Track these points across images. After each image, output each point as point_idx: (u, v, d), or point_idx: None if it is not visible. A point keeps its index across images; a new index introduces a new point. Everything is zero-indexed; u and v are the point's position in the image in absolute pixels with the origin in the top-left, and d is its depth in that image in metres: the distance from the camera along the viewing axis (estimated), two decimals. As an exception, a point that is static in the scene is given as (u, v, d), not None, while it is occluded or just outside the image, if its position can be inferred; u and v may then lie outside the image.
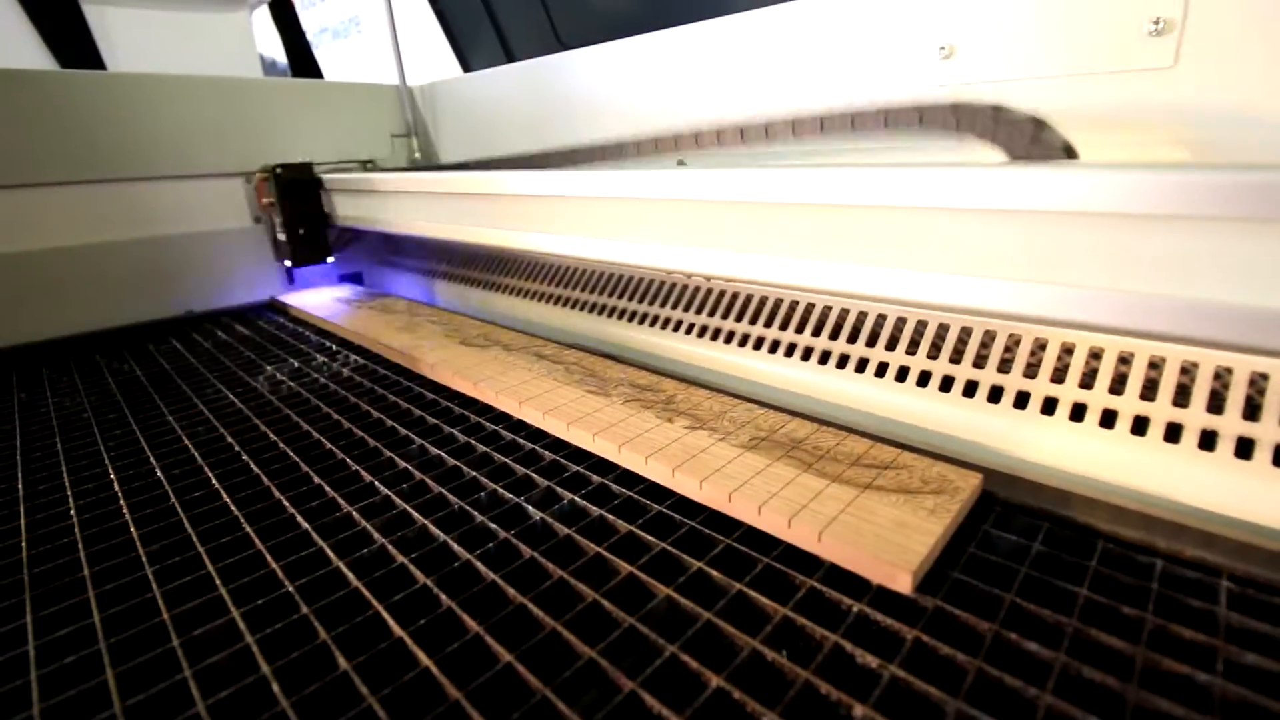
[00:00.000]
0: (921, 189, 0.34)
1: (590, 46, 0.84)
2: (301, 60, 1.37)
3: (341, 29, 2.60)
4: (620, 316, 0.69)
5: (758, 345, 0.57)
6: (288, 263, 0.97)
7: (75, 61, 1.07)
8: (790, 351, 0.54)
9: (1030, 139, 0.45)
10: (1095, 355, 0.41)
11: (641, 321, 0.67)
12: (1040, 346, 0.43)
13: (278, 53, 1.42)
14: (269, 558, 0.35)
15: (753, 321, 0.58)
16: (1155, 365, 0.39)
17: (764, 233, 0.43)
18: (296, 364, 0.67)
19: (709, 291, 0.63)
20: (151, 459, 0.47)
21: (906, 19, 0.54)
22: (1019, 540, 0.32)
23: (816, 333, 0.54)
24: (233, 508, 0.40)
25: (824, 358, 0.52)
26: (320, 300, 0.90)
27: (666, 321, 0.65)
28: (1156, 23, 0.42)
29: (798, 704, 0.24)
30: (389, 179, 0.81)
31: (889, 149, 0.57)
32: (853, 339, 0.52)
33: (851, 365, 0.50)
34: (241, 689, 0.26)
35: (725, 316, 0.61)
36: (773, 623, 0.28)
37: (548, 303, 0.78)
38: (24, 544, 0.38)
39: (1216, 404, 0.37)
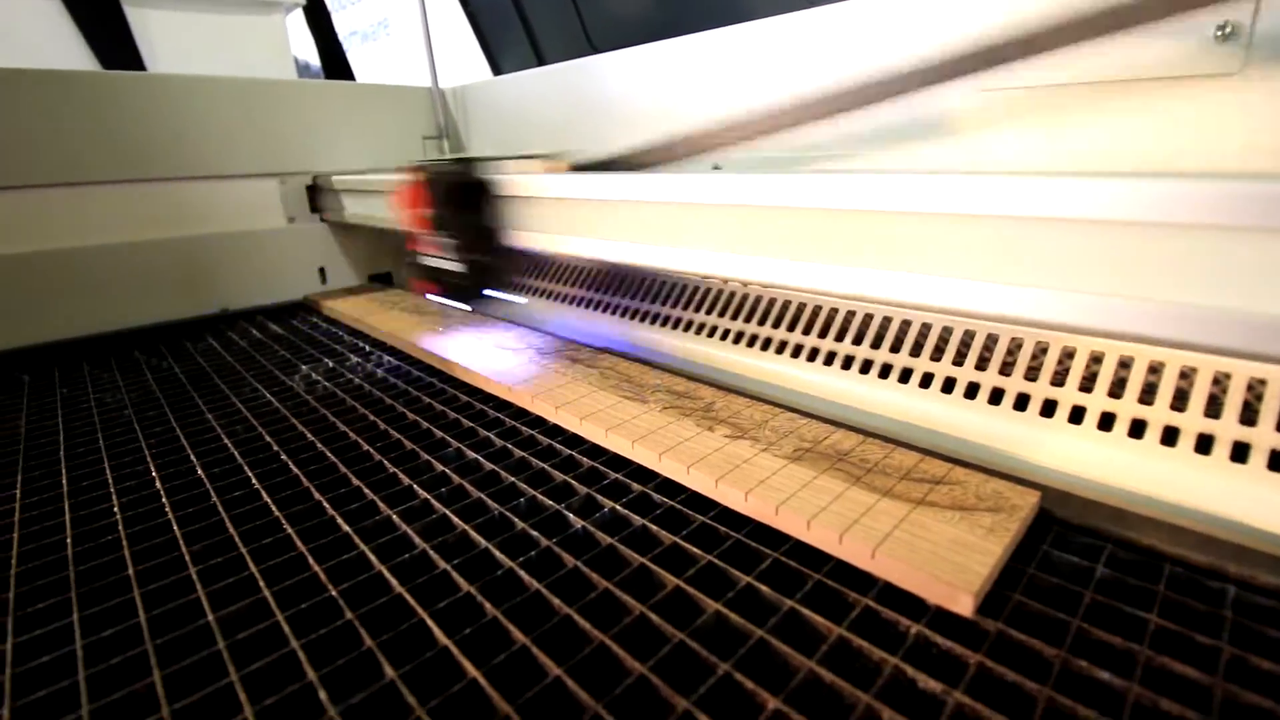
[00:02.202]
0: (957, 195, 0.33)
1: (622, 50, 0.84)
2: (334, 63, 1.38)
3: (370, 32, 2.63)
4: (654, 321, 0.68)
5: (796, 353, 0.56)
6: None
7: (117, 63, 1.09)
8: (830, 360, 0.53)
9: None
10: (1154, 370, 0.40)
11: (675, 326, 0.66)
12: (1096, 360, 0.42)
13: (311, 55, 1.43)
14: (311, 560, 0.35)
15: (790, 328, 0.58)
16: (1218, 382, 0.38)
17: (798, 237, 0.42)
18: (331, 364, 0.67)
19: (745, 297, 0.62)
20: (192, 457, 0.47)
21: (951, 23, 0.53)
22: (1081, 562, 0.31)
23: (858, 341, 0.53)
24: (274, 508, 0.40)
25: (865, 367, 0.51)
26: (353, 300, 0.91)
27: (701, 326, 0.64)
28: (1223, 27, 0.40)
29: (859, 729, 0.23)
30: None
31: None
32: (896, 348, 0.51)
33: (895, 375, 0.49)
34: (289, 695, 0.26)
35: (762, 323, 0.60)
36: (828, 642, 0.27)
37: (580, 306, 0.78)
38: (69, 540, 0.38)
39: (1286, 423, 0.35)
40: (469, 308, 0.77)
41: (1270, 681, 0.24)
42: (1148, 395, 0.39)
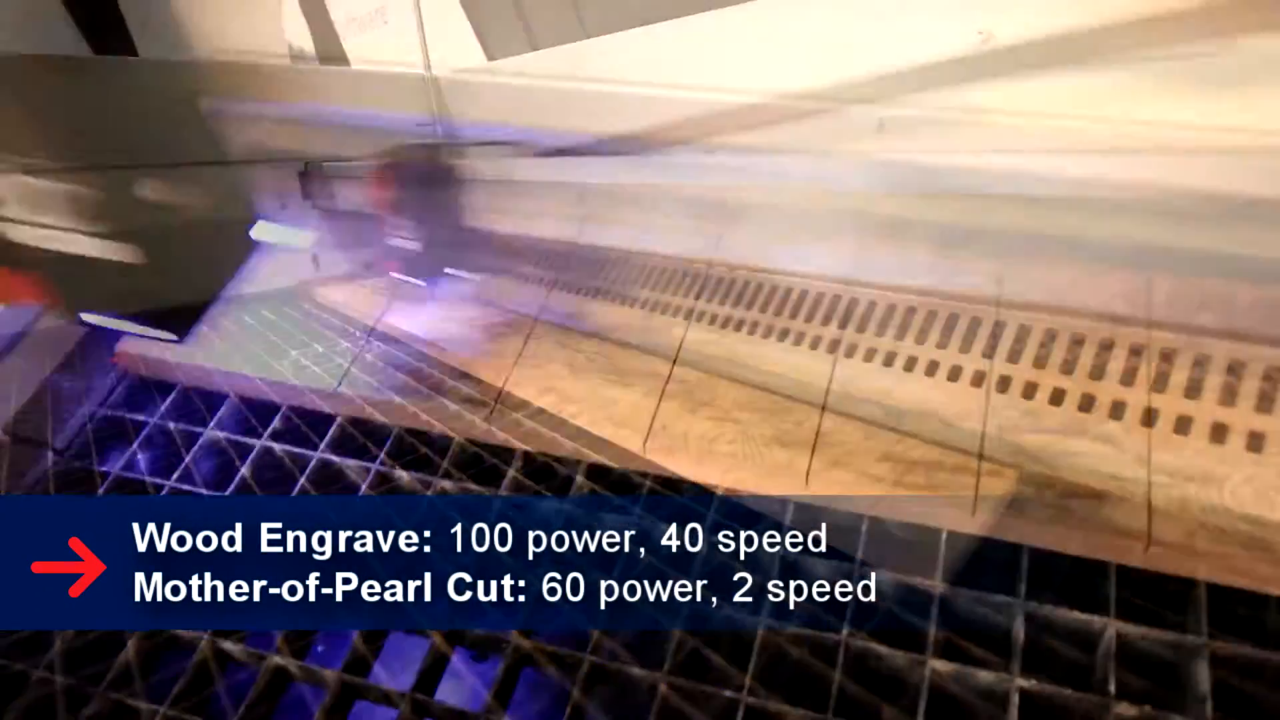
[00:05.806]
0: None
1: (614, 34, 0.83)
2: (329, 49, 1.37)
3: (367, 20, 2.61)
4: (639, 306, 0.68)
5: (782, 336, 0.56)
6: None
7: (107, 47, 1.08)
8: (816, 344, 0.53)
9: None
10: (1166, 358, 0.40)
11: (663, 312, 0.66)
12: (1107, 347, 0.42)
13: (306, 41, 1.42)
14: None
15: (777, 314, 0.57)
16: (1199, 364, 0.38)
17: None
18: (320, 349, 0.67)
19: (731, 281, 0.62)
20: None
21: (946, 1, 0.52)
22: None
23: (843, 326, 0.53)
24: (255, 490, 0.40)
25: (850, 350, 0.51)
26: (346, 287, 0.90)
27: (689, 312, 0.64)
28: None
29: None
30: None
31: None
32: (881, 332, 0.50)
33: (879, 359, 0.49)
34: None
35: (749, 308, 0.59)
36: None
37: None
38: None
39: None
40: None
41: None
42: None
